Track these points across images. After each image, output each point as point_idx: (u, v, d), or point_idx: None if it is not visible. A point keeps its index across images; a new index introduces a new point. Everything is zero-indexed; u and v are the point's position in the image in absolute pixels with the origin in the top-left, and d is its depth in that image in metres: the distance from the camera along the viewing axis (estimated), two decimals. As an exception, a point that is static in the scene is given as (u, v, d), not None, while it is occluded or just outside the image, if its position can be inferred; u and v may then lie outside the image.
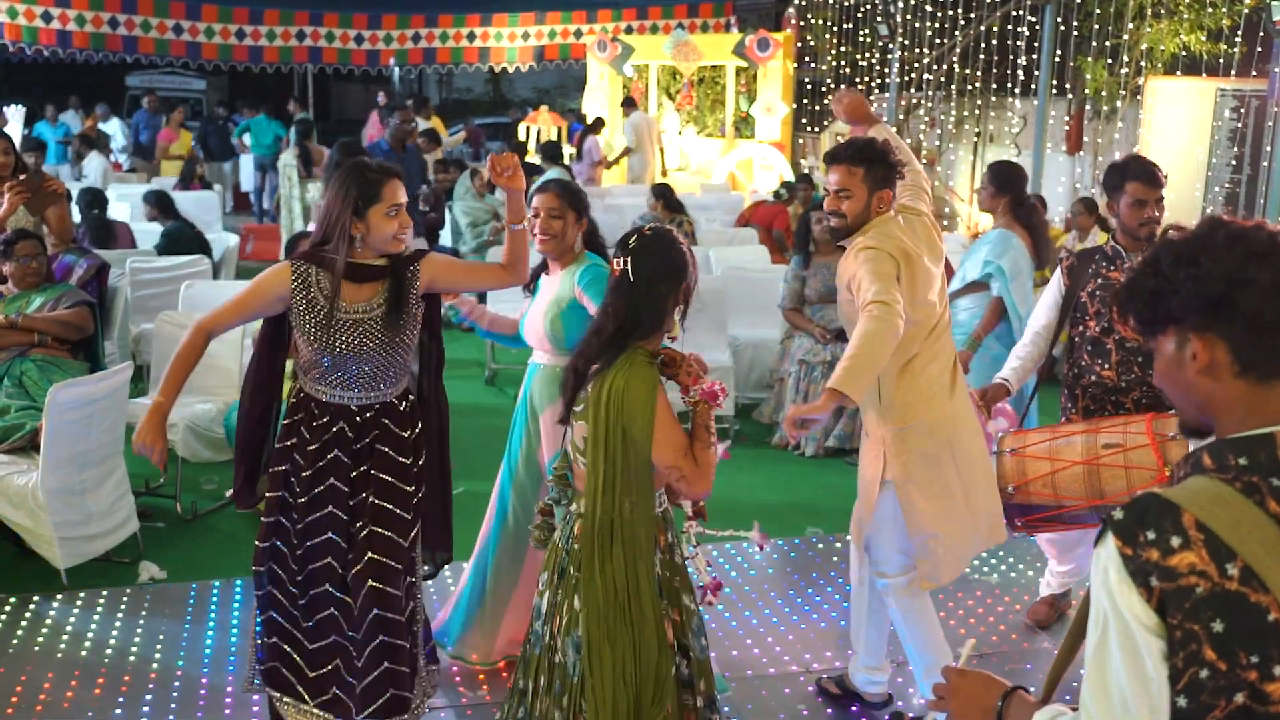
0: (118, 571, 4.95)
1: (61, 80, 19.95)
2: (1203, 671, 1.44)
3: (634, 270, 2.88)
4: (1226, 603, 1.43)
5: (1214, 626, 1.43)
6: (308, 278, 3.26)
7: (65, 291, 5.48)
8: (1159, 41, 11.00)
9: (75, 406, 4.62)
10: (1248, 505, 1.46)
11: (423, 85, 29.18)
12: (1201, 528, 1.46)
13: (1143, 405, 4.02)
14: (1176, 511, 1.48)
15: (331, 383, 3.31)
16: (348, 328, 3.25)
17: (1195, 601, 1.44)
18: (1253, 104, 10.23)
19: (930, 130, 14.26)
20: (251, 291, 3.32)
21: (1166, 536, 1.47)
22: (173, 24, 15.31)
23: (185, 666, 4.20)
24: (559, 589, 2.94)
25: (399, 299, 3.28)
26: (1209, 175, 10.52)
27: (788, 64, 14.97)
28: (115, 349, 6.76)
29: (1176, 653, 1.46)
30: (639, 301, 2.87)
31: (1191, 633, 1.44)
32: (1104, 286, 4.16)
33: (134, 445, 3.23)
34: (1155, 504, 1.50)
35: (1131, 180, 4.13)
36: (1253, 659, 1.43)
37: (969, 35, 13.37)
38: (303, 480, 3.31)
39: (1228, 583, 1.43)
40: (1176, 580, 1.45)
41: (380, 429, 3.35)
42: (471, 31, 17.20)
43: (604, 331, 2.90)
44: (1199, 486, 1.51)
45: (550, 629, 2.94)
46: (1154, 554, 1.47)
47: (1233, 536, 1.44)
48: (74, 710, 3.89)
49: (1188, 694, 1.45)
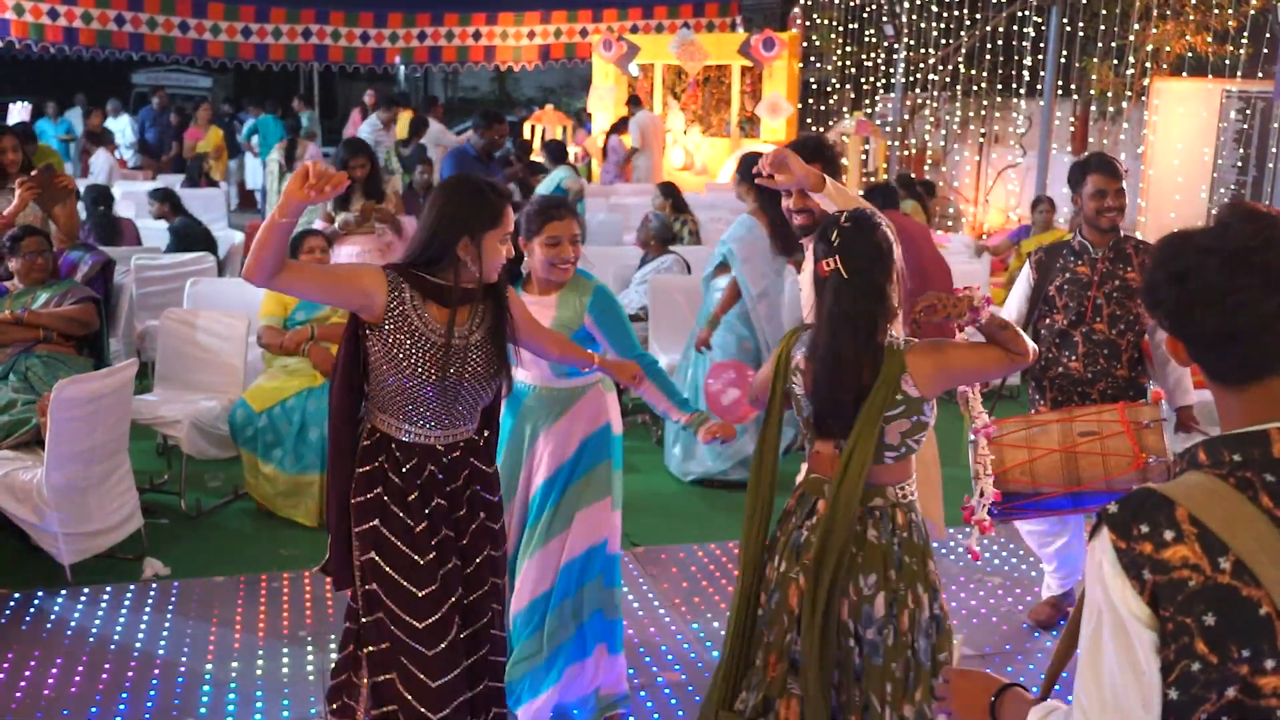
0: (122, 567, 4.96)
1: (67, 78, 19.98)
2: (1194, 664, 1.45)
3: (845, 267, 2.74)
4: (1218, 596, 1.44)
5: (1206, 620, 1.44)
6: (402, 294, 2.90)
7: (70, 288, 5.49)
8: (1165, 43, 10.99)
9: (80, 403, 4.63)
10: (1241, 500, 1.47)
11: (428, 84, 29.19)
12: (1195, 522, 1.47)
13: (1108, 396, 4.22)
14: (1171, 506, 1.49)
15: (419, 418, 2.96)
16: (457, 353, 2.92)
17: (1188, 595, 1.45)
18: (1259, 105, 10.21)
19: (935, 131, 14.25)
20: (342, 273, 3.02)
21: (1160, 530, 1.48)
22: (179, 21, 15.33)
23: (189, 662, 4.21)
24: (897, 584, 2.80)
25: (500, 322, 3.01)
26: (1214, 177, 10.50)
27: (793, 64, 14.96)
28: (120, 346, 6.77)
29: (1168, 645, 1.47)
30: (864, 296, 2.73)
31: (1183, 625, 1.45)
32: (1071, 281, 4.33)
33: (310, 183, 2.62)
34: (1150, 498, 1.51)
35: (1092, 172, 4.30)
36: (1244, 652, 1.44)
37: (974, 36, 13.35)
38: (418, 537, 2.95)
39: (1220, 576, 1.44)
40: (1169, 573, 1.46)
41: (470, 469, 3.07)
42: (477, 30, 17.20)
43: (851, 346, 2.74)
44: (1193, 481, 1.52)
45: (897, 627, 2.77)
46: (1147, 547, 1.48)
47: (1226, 531, 1.45)
48: (78, 706, 3.90)
49: (1179, 686, 1.46)
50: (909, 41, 13.96)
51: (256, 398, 5.48)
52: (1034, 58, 12.37)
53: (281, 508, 5.45)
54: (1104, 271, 4.28)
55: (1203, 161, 10.54)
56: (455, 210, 2.90)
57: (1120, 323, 4.26)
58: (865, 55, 14.97)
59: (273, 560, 5.10)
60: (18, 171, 5.79)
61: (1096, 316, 4.27)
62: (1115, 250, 4.30)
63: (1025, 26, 12.51)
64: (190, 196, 10.65)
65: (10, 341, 5.28)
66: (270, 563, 5.07)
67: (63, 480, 4.64)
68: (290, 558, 5.12)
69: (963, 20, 13.38)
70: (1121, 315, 4.26)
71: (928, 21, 13.76)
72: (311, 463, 5.37)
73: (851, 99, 15.44)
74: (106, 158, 13.26)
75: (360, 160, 6.74)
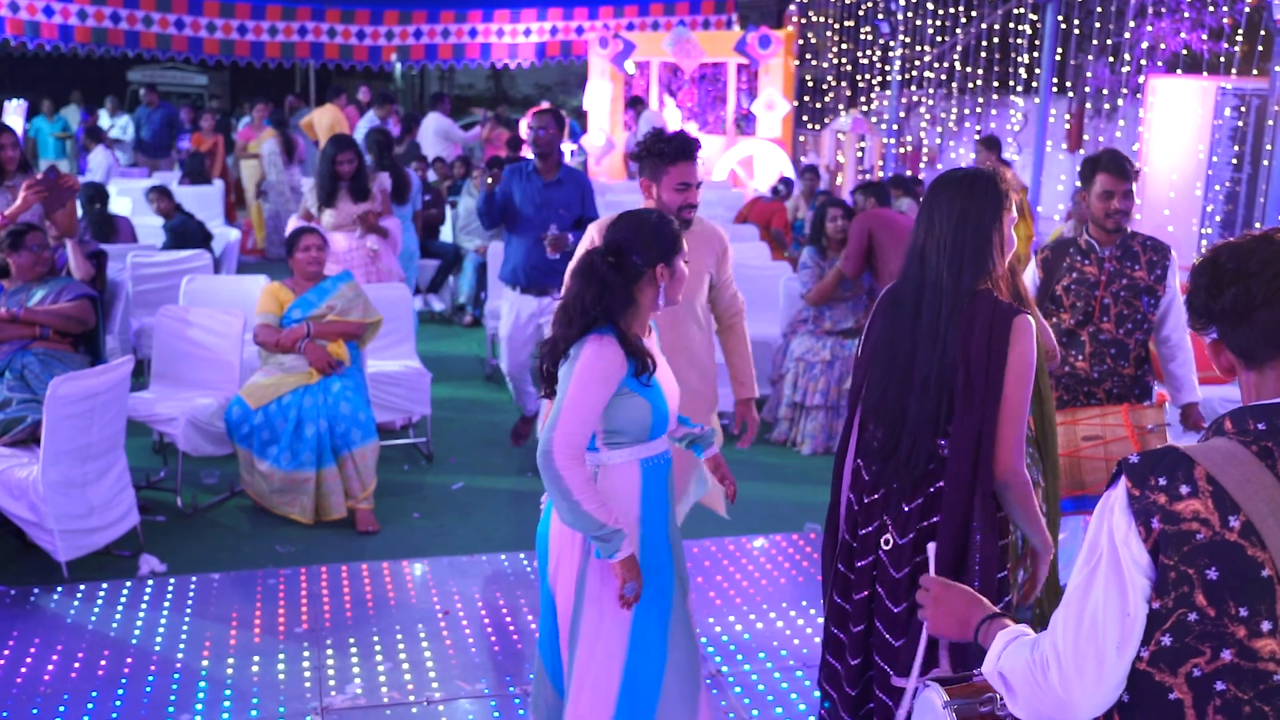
0: (118, 565, 4.97)
1: (63, 75, 19.95)
2: (1191, 614, 1.51)
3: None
4: (1224, 552, 1.50)
5: (1208, 573, 1.50)
6: None
7: (66, 284, 5.49)
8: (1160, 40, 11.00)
9: (76, 400, 4.63)
10: (1259, 466, 1.53)
11: (425, 81, 29.17)
12: (1211, 480, 1.53)
13: (1115, 395, 4.22)
14: (1190, 463, 1.55)
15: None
16: None
17: (1194, 547, 1.51)
18: (1254, 103, 10.23)
19: (931, 128, 14.26)
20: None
21: (1177, 484, 1.54)
22: (174, 19, 15.31)
23: (185, 659, 4.22)
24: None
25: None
26: (1209, 174, 10.51)
27: (789, 61, 14.96)
28: (116, 343, 6.77)
29: (1167, 593, 1.53)
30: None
31: (1185, 575, 1.51)
32: (1079, 280, 4.31)
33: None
34: (1171, 455, 1.58)
35: (1101, 171, 4.26)
36: (1241, 611, 1.49)
37: (970, 33, 13.37)
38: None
39: (1228, 534, 1.50)
40: (1178, 524, 1.53)
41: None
42: (474, 28, 17.19)
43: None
44: (1216, 444, 1.58)
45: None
46: (1161, 498, 1.55)
47: (1240, 493, 1.51)
48: (74, 702, 3.91)
49: (1174, 633, 1.52)
50: (905, 38, 13.97)
51: (252, 395, 5.48)
52: (1030, 55, 12.38)
53: (277, 505, 5.46)
54: (1111, 271, 4.24)
55: (1198, 159, 10.56)
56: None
57: (1128, 322, 4.24)
58: (861, 52, 14.99)
59: (269, 557, 5.10)
60: (15, 169, 5.78)
61: (1104, 316, 4.24)
62: (1123, 249, 4.26)
63: (1021, 24, 12.52)
64: (186, 194, 10.64)
65: (6, 339, 5.27)
66: (266, 560, 5.07)
67: (59, 477, 4.64)
68: (286, 555, 5.13)
69: (958, 17, 13.39)
70: (1129, 315, 4.23)
71: (923, 18, 13.77)
72: (307, 460, 5.38)
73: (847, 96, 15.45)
74: (105, 155, 13.24)
75: (348, 155, 6.77)
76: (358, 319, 5.72)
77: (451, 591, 4.82)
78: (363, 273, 6.73)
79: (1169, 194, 10.54)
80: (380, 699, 3.99)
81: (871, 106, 15.14)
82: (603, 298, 2.86)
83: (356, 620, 4.54)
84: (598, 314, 2.86)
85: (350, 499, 5.46)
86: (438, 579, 4.93)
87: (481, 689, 4.05)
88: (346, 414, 5.45)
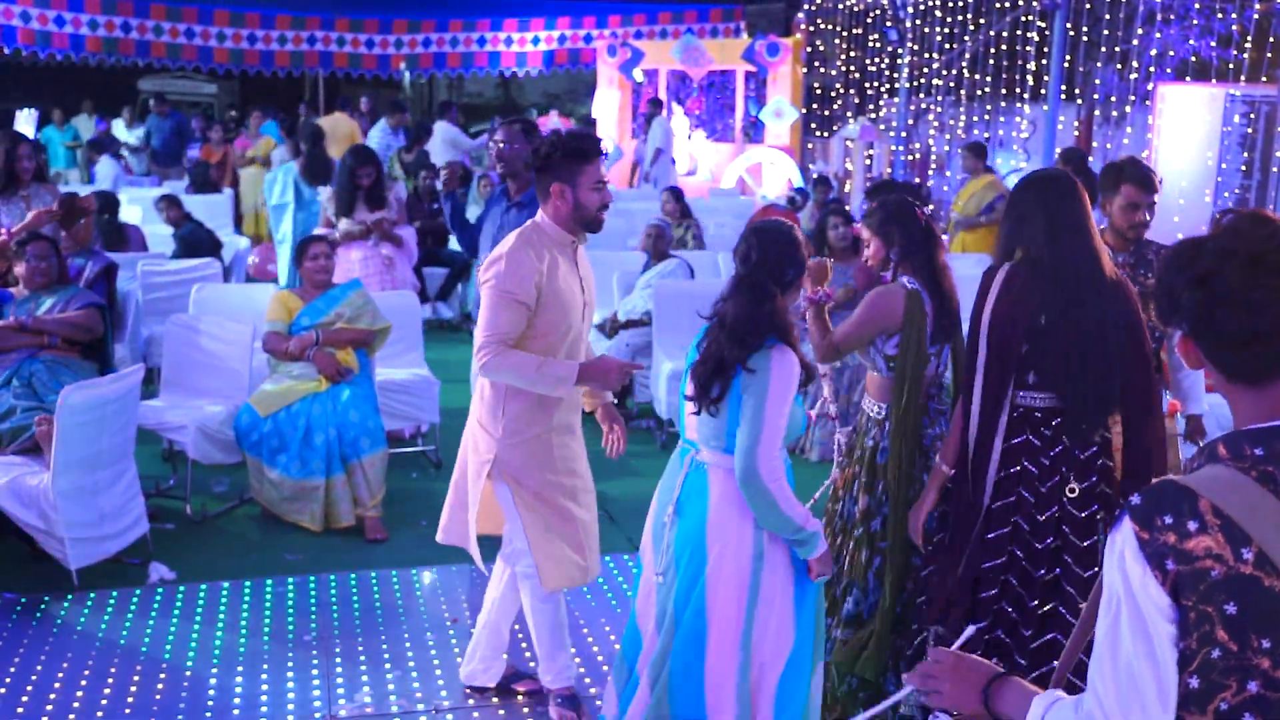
0: (128, 572, 4.97)
1: (74, 84, 20.04)
2: (1214, 651, 1.48)
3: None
4: (1240, 586, 1.47)
5: (1227, 609, 1.47)
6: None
7: (75, 293, 5.50)
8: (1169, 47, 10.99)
9: (86, 408, 4.64)
10: (1263, 493, 1.50)
11: (433, 90, 29.24)
12: (1218, 513, 1.49)
13: None
14: (1193, 497, 1.51)
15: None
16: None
17: (1210, 584, 1.48)
18: (1263, 109, 10.21)
19: (939, 135, 14.26)
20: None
21: (1184, 521, 1.50)
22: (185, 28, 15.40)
23: (194, 667, 4.22)
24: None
25: None
26: (1219, 181, 10.50)
27: (797, 69, 14.99)
28: (126, 352, 6.79)
29: (1190, 634, 1.49)
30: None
31: (1205, 614, 1.48)
32: None
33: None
34: (1171, 489, 1.54)
35: (1127, 183, 4.22)
36: (1264, 643, 1.46)
37: (979, 40, 13.36)
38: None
39: (1243, 566, 1.47)
40: (1193, 563, 1.49)
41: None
42: (482, 36, 17.25)
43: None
44: (1214, 474, 1.54)
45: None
46: (1171, 537, 1.51)
47: (1248, 522, 1.48)
48: (84, 710, 3.91)
49: (1200, 674, 1.49)
50: (913, 46, 13.97)
51: (262, 403, 5.50)
52: (1038, 62, 12.38)
53: (287, 513, 5.46)
54: (1126, 278, 4.24)
55: (1207, 166, 10.54)
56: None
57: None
58: (869, 60, 14.99)
59: (278, 565, 5.11)
60: (31, 179, 5.82)
61: None
62: (1136, 256, 4.23)
63: (1029, 31, 12.52)
64: (195, 203, 10.67)
65: (14, 347, 5.28)
66: (276, 568, 5.08)
67: (69, 485, 4.65)
68: (295, 563, 5.13)
69: (967, 25, 13.39)
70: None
71: (932, 26, 13.78)
72: (317, 468, 5.38)
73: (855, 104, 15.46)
74: (111, 165, 13.29)
75: (368, 170, 6.88)
76: (366, 326, 5.74)
77: (460, 600, 4.81)
78: (378, 281, 6.77)
79: (1179, 201, 10.52)
80: (389, 708, 3.99)
81: (880, 114, 15.14)
82: (774, 315, 2.96)
83: (365, 628, 4.54)
84: (771, 330, 2.95)
85: (359, 507, 5.46)
86: (446, 587, 4.92)
87: (490, 698, 4.05)
88: (355, 422, 5.45)
